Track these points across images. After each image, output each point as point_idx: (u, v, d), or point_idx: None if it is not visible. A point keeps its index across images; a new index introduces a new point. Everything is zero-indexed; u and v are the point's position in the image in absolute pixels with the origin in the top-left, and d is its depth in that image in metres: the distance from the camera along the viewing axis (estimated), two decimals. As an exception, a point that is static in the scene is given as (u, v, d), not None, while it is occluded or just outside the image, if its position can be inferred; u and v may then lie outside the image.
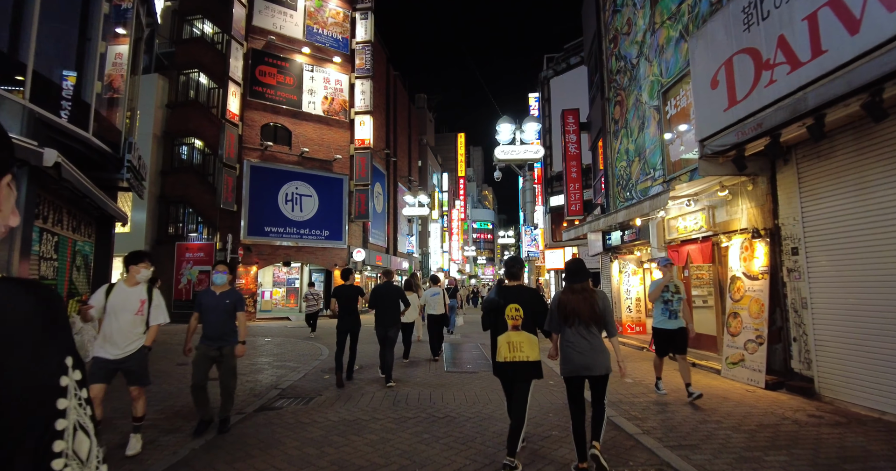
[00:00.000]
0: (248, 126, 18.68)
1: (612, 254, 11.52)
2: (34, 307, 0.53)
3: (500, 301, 3.55)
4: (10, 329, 0.50)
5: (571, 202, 13.80)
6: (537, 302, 3.62)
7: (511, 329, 3.53)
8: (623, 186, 11.09)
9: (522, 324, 3.53)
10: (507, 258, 3.84)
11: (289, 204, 19.09)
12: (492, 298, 3.64)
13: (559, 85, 27.12)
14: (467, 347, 10.29)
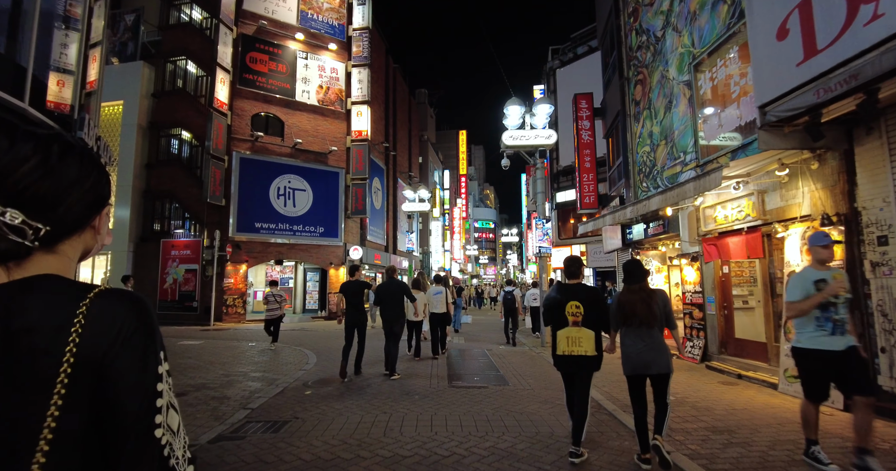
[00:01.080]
0: (238, 116, 17.59)
1: (634, 249, 10.40)
2: (139, 314, 0.70)
3: (561, 298, 3.74)
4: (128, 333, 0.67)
5: (585, 195, 12.68)
6: (597, 300, 3.77)
7: (571, 325, 3.71)
8: (646, 173, 9.96)
9: (582, 320, 3.69)
10: (566, 258, 4.00)
11: (281, 199, 17.99)
12: (553, 295, 3.84)
13: (566, 76, 26.00)
14: (473, 355, 9.17)
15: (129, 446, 0.65)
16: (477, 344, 10.83)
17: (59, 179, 0.69)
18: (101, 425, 0.65)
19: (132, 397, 0.66)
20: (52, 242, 0.70)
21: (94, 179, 0.73)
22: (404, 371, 7.32)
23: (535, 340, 11.66)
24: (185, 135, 18.29)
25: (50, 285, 0.68)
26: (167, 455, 0.68)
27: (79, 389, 0.63)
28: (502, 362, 8.19)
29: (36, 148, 0.68)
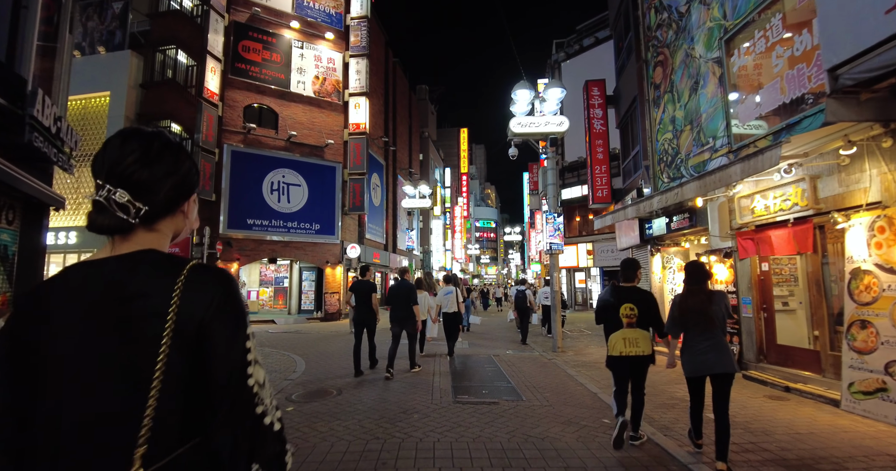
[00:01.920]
0: (230, 107, 16.76)
1: (654, 246, 9.55)
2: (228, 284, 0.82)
3: (614, 301, 3.83)
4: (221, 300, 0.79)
5: (598, 188, 11.82)
6: (651, 302, 3.90)
7: (626, 326, 3.80)
8: (667, 163, 9.11)
9: (637, 322, 3.79)
10: (623, 261, 4.08)
11: (275, 194, 17.15)
12: (606, 298, 3.93)
13: (571, 69, 25.14)
14: (478, 362, 8.32)
15: (226, 393, 0.76)
16: (483, 349, 9.98)
17: (157, 169, 0.83)
18: (203, 375, 0.76)
19: (228, 353, 0.78)
20: (150, 221, 0.84)
21: (184, 170, 0.88)
22: (404, 380, 6.48)
23: (546, 342, 10.82)
24: (175, 127, 17.42)
25: (153, 258, 0.82)
26: (256, 402, 0.78)
27: (182, 343, 0.75)
28: (513, 371, 7.35)
29: (140, 144, 0.84)
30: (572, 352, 9.50)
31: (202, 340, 0.76)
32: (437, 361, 8.24)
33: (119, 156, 0.81)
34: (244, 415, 0.76)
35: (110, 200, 0.79)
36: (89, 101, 18.13)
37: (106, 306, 0.76)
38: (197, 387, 0.76)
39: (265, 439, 0.78)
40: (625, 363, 3.85)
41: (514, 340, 11.54)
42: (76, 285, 0.79)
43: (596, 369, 7.53)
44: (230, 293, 0.81)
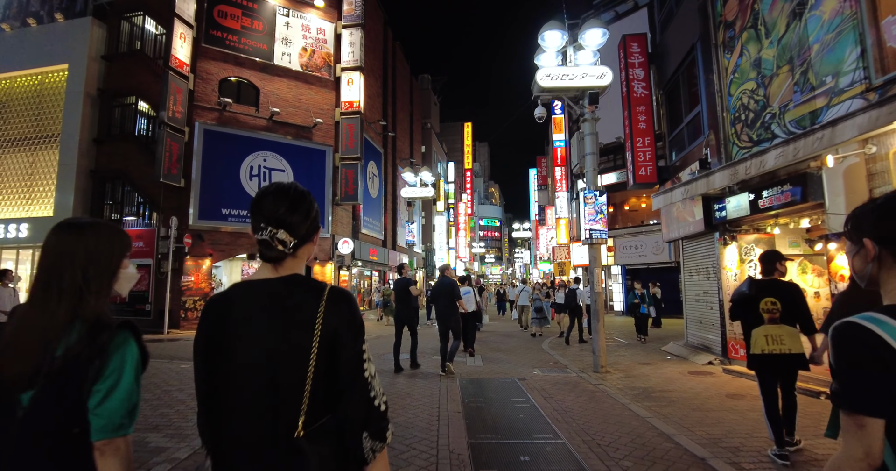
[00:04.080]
0: (203, 80, 14.57)
1: (727, 233, 7.28)
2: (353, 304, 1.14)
3: (751, 294, 3.57)
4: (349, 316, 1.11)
5: (641, 165, 9.56)
6: (797, 295, 3.58)
7: (768, 322, 3.50)
8: (748, 121, 6.86)
9: (781, 317, 3.49)
10: (762, 253, 3.86)
11: (254, 180, 14.94)
12: (742, 291, 3.66)
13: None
14: (500, 390, 6.08)
15: (349, 381, 1.06)
16: (502, 366, 7.74)
17: (299, 214, 1.16)
18: (334, 368, 1.06)
19: (352, 352, 1.07)
20: (294, 250, 1.16)
21: (314, 213, 1.21)
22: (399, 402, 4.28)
23: (578, 354, 8.57)
24: (143, 105, 15.27)
25: (301, 280, 1.14)
26: (370, 388, 1.07)
27: (323, 344, 1.05)
28: (553, 409, 5.10)
29: (286, 197, 1.17)
30: (619, 371, 7.26)
31: (335, 342, 1.06)
32: (441, 388, 6.00)
33: (274, 207, 1.15)
34: (361, 397, 1.06)
35: (273, 238, 1.13)
36: (45, 75, 15.93)
37: (273, 313, 1.08)
38: (331, 375, 1.06)
39: (375, 415, 1.07)
40: (769, 363, 3.50)
41: (535, 351, 9.29)
42: (250, 298, 1.12)
43: (669, 403, 5.28)
44: (354, 312, 1.12)
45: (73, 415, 1.05)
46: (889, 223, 0.99)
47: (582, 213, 7.51)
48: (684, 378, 6.69)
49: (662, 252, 18.60)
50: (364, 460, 1.05)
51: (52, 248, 1.13)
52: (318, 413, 1.04)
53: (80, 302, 1.10)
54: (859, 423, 0.89)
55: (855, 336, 0.93)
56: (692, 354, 8.40)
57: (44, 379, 1.03)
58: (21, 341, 1.06)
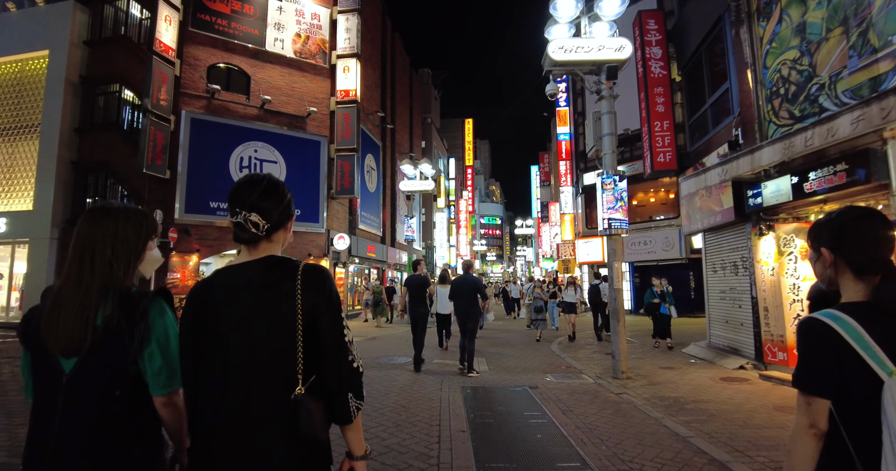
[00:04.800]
0: (190, 66, 13.79)
1: (762, 222, 6.49)
2: (328, 279, 1.23)
3: None
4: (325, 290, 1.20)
5: (659, 151, 8.76)
6: None
7: None
8: (788, 96, 6.07)
9: None
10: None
11: (244, 172, 14.07)
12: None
13: (594, 37, 22.06)
14: (510, 402, 5.31)
15: (332, 346, 1.17)
16: (510, 373, 6.96)
17: (271, 201, 1.25)
18: (317, 335, 1.16)
19: (332, 321, 1.18)
20: (269, 234, 1.24)
21: (286, 201, 1.30)
22: (392, 418, 3.50)
23: (593, 357, 7.78)
24: (127, 93, 14.49)
25: (277, 260, 1.23)
26: (350, 351, 1.19)
27: (304, 315, 1.15)
28: (574, 424, 4.33)
29: (260, 185, 1.26)
30: (640, 377, 6.48)
31: (315, 314, 1.16)
32: (443, 399, 5.22)
33: (248, 194, 1.24)
34: (342, 359, 1.17)
35: (247, 220, 1.21)
36: (25, 62, 15.12)
37: (255, 291, 1.17)
38: (315, 343, 1.16)
39: (356, 376, 1.19)
40: None
41: (544, 354, 8.52)
42: (232, 281, 1.21)
43: (708, 417, 4.50)
44: (329, 286, 1.21)
45: (114, 379, 1.18)
46: (841, 235, 1.16)
47: (599, 201, 6.72)
48: (717, 386, 5.91)
49: (673, 248, 17.82)
50: (349, 419, 1.17)
51: (85, 227, 1.25)
52: (309, 373, 1.15)
53: (112, 276, 1.22)
54: (808, 401, 1.10)
55: (813, 329, 1.11)
56: (719, 357, 7.62)
57: (88, 347, 1.14)
58: (61, 315, 1.16)
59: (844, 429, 1.05)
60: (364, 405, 1.19)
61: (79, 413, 1.15)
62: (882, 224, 1.13)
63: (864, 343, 1.03)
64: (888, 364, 1.00)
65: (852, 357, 1.04)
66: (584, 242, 21.46)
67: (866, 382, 1.02)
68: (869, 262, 1.12)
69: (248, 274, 1.19)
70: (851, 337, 1.04)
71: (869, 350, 1.02)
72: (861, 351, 1.03)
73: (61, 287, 1.21)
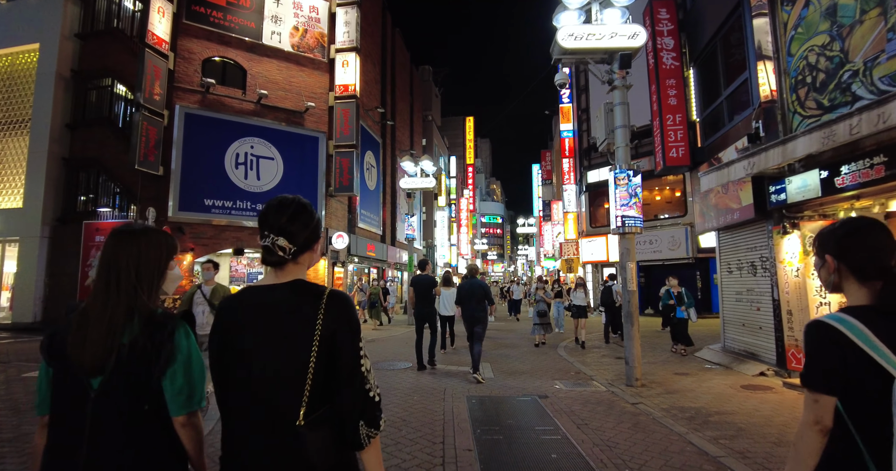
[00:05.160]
0: (184, 59, 13.39)
1: (786, 220, 6.09)
2: (350, 308, 1.25)
3: None
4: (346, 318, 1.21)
5: (671, 146, 8.35)
6: None
7: None
8: (815, 84, 5.67)
9: None
10: None
11: (241, 168, 13.78)
12: None
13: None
14: (519, 414, 4.92)
15: (347, 374, 1.18)
16: (516, 379, 6.58)
17: (299, 224, 1.27)
18: (334, 363, 1.18)
19: (349, 350, 1.19)
20: (295, 257, 1.27)
21: (314, 223, 1.31)
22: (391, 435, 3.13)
23: (603, 362, 7.37)
24: (120, 88, 14.10)
25: (303, 285, 1.25)
26: (365, 381, 1.19)
27: (322, 342, 1.16)
28: (591, 441, 3.94)
29: (288, 208, 1.27)
30: (655, 385, 6.10)
31: (334, 341, 1.18)
32: (446, 410, 4.83)
33: (276, 217, 1.26)
34: (358, 389, 1.17)
35: (275, 244, 1.24)
36: (15, 56, 14.71)
37: (278, 315, 1.20)
38: (330, 370, 1.18)
39: (370, 405, 1.18)
40: None
41: (551, 358, 8.12)
42: (257, 301, 1.23)
43: (736, 432, 4.11)
44: (351, 313, 1.23)
45: (141, 395, 1.22)
46: (845, 243, 1.25)
47: (612, 196, 6.33)
48: (739, 395, 5.52)
49: (679, 247, 17.44)
50: (360, 446, 1.17)
51: (110, 250, 1.30)
52: (319, 404, 1.16)
53: (136, 299, 1.26)
54: (815, 399, 1.16)
55: (820, 331, 1.17)
56: (736, 362, 7.23)
57: (113, 365, 1.19)
58: (89, 333, 1.20)
59: (853, 424, 1.11)
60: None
61: (108, 430, 1.19)
62: (884, 233, 1.22)
63: (871, 343, 1.09)
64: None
65: (859, 357, 1.10)
66: (587, 241, 21.07)
67: (876, 379, 1.07)
68: (872, 268, 1.19)
69: (274, 297, 1.23)
70: (859, 338, 1.10)
71: (877, 349, 1.08)
72: (869, 350, 1.09)
73: (87, 307, 1.26)
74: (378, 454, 1.21)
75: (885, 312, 1.14)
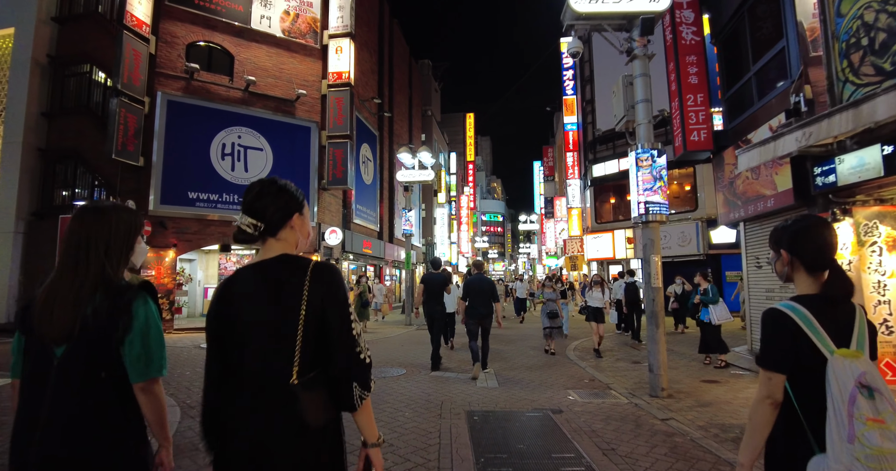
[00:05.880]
0: (167, 43, 12.60)
1: (836, 206, 5.30)
2: (336, 276, 1.29)
3: None
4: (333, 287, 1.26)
5: (692, 128, 7.55)
6: None
7: None
8: (874, 46, 4.88)
9: None
10: None
11: (227, 159, 12.99)
12: None
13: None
14: (529, 435, 4.14)
15: (339, 338, 1.23)
16: (523, 389, 5.80)
17: (264, 201, 1.31)
18: (325, 329, 1.24)
19: (338, 315, 1.24)
20: (272, 234, 1.31)
21: (283, 200, 1.32)
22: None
23: (617, 366, 6.56)
24: (100, 75, 13.30)
25: (288, 259, 1.30)
26: (356, 343, 1.24)
27: (311, 310, 1.22)
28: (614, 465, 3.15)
29: (256, 188, 1.33)
30: (683, 395, 5.32)
31: (322, 308, 1.23)
32: (442, 430, 4.05)
33: (246, 197, 1.33)
34: (350, 351, 1.23)
35: (242, 223, 1.30)
36: (-10, 41, 14.04)
37: (268, 288, 1.25)
38: (322, 335, 1.24)
39: (362, 367, 1.24)
40: None
41: (560, 363, 7.32)
42: (249, 275, 1.29)
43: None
44: (336, 280, 1.28)
45: (100, 362, 1.29)
46: (798, 240, 1.40)
47: (633, 180, 5.54)
48: (785, 409, 4.73)
49: (690, 243, 16.67)
50: (353, 407, 1.23)
51: (78, 226, 1.34)
52: (310, 367, 1.21)
53: (103, 272, 1.32)
54: (769, 376, 1.31)
55: (775, 318, 1.33)
56: (769, 368, 6.43)
57: (77, 335, 1.26)
58: (56, 306, 1.27)
59: (796, 399, 1.29)
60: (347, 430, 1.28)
61: (67, 395, 1.26)
62: (829, 231, 1.39)
63: (813, 328, 1.27)
64: (831, 345, 1.24)
65: (805, 341, 1.27)
66: (592, 238, 20.28)
67: (815, 360, 1.25)
68: (820, 262, 1.37)
69: (263, 271, 1.28)
70: (804, 324, 1.28)
71: (817, 334, 1.26)
72: (811, 335, 1.26)
73: (55, 280, 1.31)
74: (370, 415, 1.27)
75: (830, 300, 1.32)
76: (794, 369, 1.26)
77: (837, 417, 1.15)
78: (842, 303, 1.31)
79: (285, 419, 1.16)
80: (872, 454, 1.10)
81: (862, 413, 1.13)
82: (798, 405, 1.26)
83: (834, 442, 1.15)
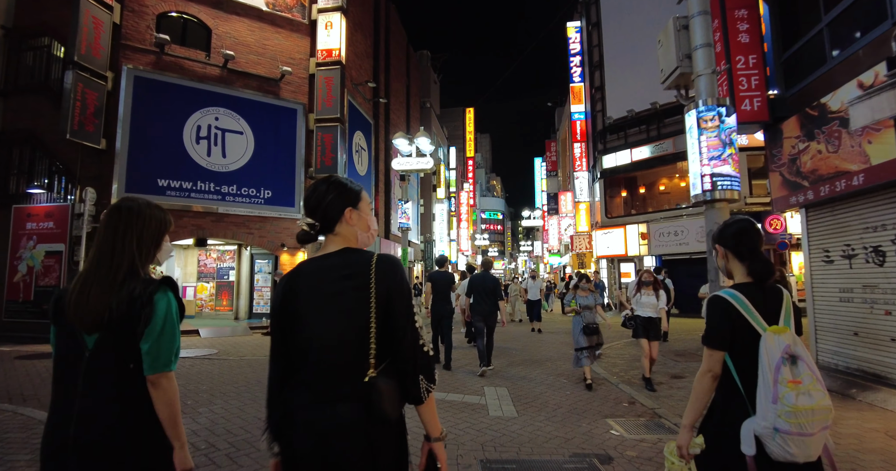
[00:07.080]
0: (134, 13, 11.24)
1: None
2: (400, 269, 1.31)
3: None
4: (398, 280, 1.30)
5: (743, 96, 6.25)
6: None
7: None
8: None
9: None
10: None
11: (203, 143, 11.64)
12: None
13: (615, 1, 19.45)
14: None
15: (403, 331, 1.24)
16: (548, 419, 4.49)
17: (317, 199, 1.36)
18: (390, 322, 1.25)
19: (403, 308, 1.26)
20: (329, 230, 1.36)
21: (333, 195, 1.37)
22: None
23: (659, 380, 5.21)
24: (60, 50, 11.93)
25: (352, 252, 1.33)
26: (419, 335, 1.27)
27: (378, 304, 1.23)
28: None
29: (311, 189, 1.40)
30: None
31: (388, 301, 1.25)
32: None
33: (305, 196, 1.41)
34: (415, 343, 1.26)
35: (302, 224, 1.36)
36: (-61, 12, 12.68)
37: (333, 281, 1.27)
38: (387, 328, 1.24)
39: (427, 359, 1.27)
40: None
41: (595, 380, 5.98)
42: (314, 269, 1.31)
43: None
44: (401, 273, 1.30)
45: (128, 354, 1.32)
46: (728, 235, 1.70)
47: (693, 147, 4.23)
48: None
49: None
50: (420, 400, 1.25)
51: (116, 219, 1.41)
52: (382, 359, 1.24)
53: (133, 265, 1.38)
54: (710, 353, 1.57)
55: (717, 303, 1.59)
56: (851, 386, 5.17)
57: (105, 326, 1.29)
58: (90, 295, 1.31)
59: (736, 371, 1.52)
60: None
61: (98, 387, 1.30)
62: (755, 230, 1.68)
63: (748, 309, 1.53)
64: (763, 323, 1.51)
65: (742, 321, 1.53)
66: (602, 234, 18.96)
67: (751, 336, 1.50)
68: (746, 253, 1.65)
69: (328, 264, 1.30)
70: (740, 306, 1.54)
71: (751, 314, 1.52)
72: (747, 316, 1.52)
73: (90, 269, 1.37)
74: (433, 409, 1.29)
75: (758, 282, 1.60)
76: (734, 345, 1.53)
77: (765, 383, 1.41)
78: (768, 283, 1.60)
79: (360, 411, 1.17)
80: (790, 411, 1.34)
81: (784, 378, 1.38)
82: (737, 376, 1.52)
83: (761, 404, 1.40)
